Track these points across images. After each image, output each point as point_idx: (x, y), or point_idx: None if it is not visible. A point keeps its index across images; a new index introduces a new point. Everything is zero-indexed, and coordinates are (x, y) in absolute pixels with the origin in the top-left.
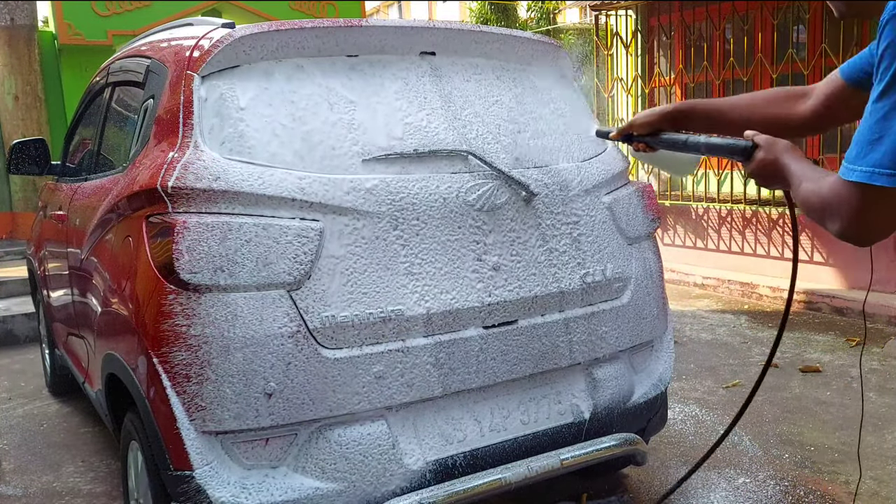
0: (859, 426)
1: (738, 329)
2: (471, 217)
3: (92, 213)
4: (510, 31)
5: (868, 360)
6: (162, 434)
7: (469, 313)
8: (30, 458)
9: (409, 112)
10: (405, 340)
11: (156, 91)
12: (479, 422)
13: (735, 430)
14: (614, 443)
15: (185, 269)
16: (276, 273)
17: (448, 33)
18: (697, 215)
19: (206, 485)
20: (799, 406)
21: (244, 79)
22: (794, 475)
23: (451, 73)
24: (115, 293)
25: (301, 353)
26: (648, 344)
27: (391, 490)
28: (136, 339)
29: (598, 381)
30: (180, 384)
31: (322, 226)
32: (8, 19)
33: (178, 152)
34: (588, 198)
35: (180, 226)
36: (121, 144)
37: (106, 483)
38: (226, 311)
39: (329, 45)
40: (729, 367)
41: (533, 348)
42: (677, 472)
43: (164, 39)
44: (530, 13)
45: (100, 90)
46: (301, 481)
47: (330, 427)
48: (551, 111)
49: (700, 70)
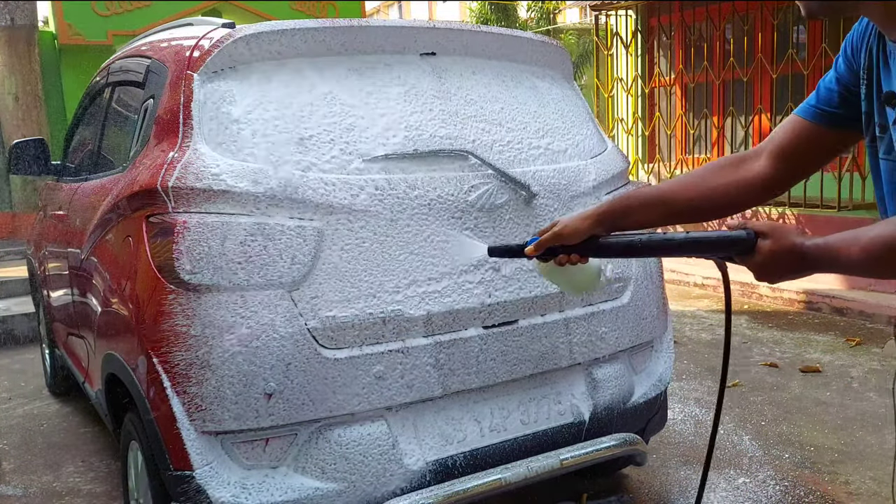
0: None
1: (737, 329)
2: (471, 217)
3: (92, 212)
4: (510, 32)
5: (868, 360)
6: (162, 434)
7: (469, 313)
8: (30, 458)
9: (409, 112)
10: (405, 341)
11: (156, 91)
12: (478, 422)
13: (735, 430)
14: (614, 443)
15: (185, 268)
16: (275, 273)
17: (448, 33)
18: None
19: (206, 485)
20: (799, 406)
21: (244, 79)
22: (794, 475)
23: (451, 73)
24: (115, 293)
25: (301, 353)
26: (648, 344)
27: (391, 490)
28: (136, 339)
29: (597, 382)
30: (180, 384)
31: (322, 226)
32: (8, 19)
33: (178, 152)
34: (588, 198)
35: (180, 226)
36: (121, 144)
37: (106, 483)
38: (226, 311)
39: (329, 45)
40: (729, 367)
41: (533, 349)
42: (677, 472)
43: (165, 39)
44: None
45: (100, 90)
46: (301, 481)
47: (330, 427)
48: (551, 111)
49: (700, 70)
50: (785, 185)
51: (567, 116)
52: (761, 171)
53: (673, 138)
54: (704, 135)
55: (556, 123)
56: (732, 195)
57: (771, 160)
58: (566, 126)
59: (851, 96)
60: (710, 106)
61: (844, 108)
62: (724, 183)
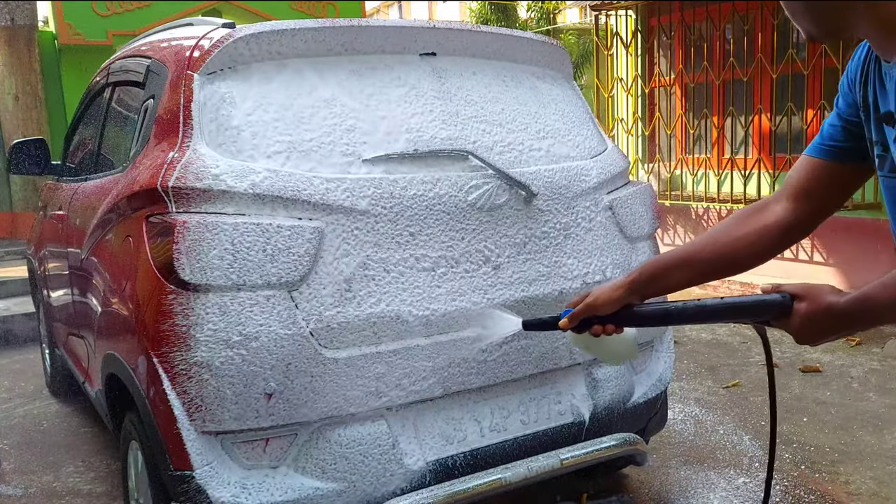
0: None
1: (738, 329)
2: (471, 217)
3: (92, 213)
4: (510, 32)
5: (868, 360)
6: (162, 434)
7: (469, 314)
8: (30, 458)
9: (409, 112)
10: (405, 340)
11: (156, 91)
12: (479, 422)
13: (735, 430)
14: (614, 443)
15: (185, 269)
16: (276, 273)
17: (448, 34)
18: (697, 215)
19: (206, 485)
20: (799, 406)
21: (244, 79)
22: (794, 475)
23: (451, 73)
24: (116, 293)
25: (301, 353)
26: (649, 344)
27: (391, 490)
28: (137, 339)
29: (598, 381)
30: (180, 384)
31: (322, 226)
32: (8, 19)
33: (178, 152)
34: (589, 198)
35: (180, 226)
36: (121, 144)
37: (106, 483)
38: (226, 311)
39: (329, 45)
40: (729, 367)
41: (533, 349)
42: (677, 472)
43: (165, 39)
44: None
45: (100, 90)
46: (301, 481)
47: (330, 427)
48: (552, 111)
49: (700, 70)
50: (805, 227)
51: (567, 116)
52: (781, 215)
53: (673, 138)
54: (704, 135)
55: (557, 124)
56: (755, 244)
57: (789, 203)
58: (566, 126)
59: (856, 128)
60: (710, 106)
61: (851, 140)
62: (746, 232)
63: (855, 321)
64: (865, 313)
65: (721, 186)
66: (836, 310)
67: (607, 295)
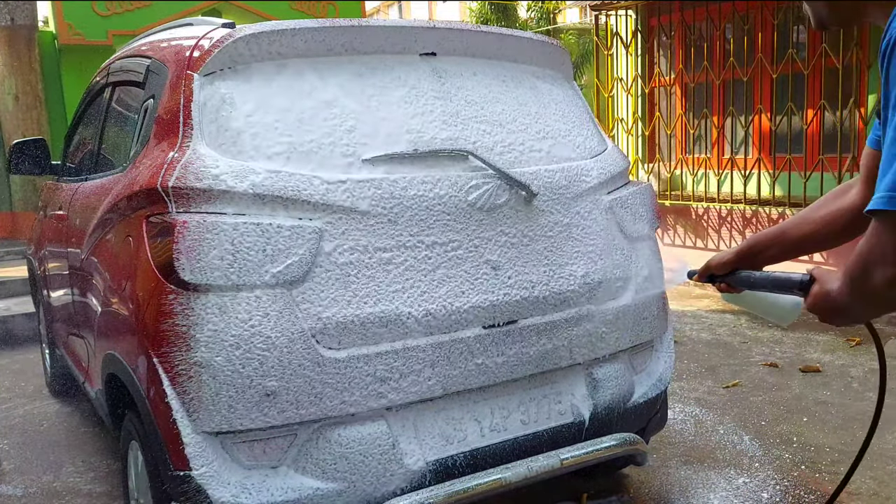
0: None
1: (738, 329)
2: (471, 217)
3: (92, 213)
4: (510, 32)
5: (868, 360)
6: (162, 434)
7: (469, 313)
8: (30, 458)
9: (409, 112)
10: (405, 341)
11: (156, 91)
12: (479, 422)
13: (735, 430)
14: (614, 443)
15: (185, 268)
16: (275, 273)
17: (448, 34)
18: (697, 215)
19: (206, 485)
20: (799, 406)
21: (244, 79)
22: (794, 475)
23: (451, 73)
24: (116, 293)
25: (301, 353)
26: (648, 344)
27: (391, 490)
28: (137, 339)
29: (598, 381)
30: (180, 384)
31: (322, 226)
32: (8, 19)
33: (178, 152)
34: (589, 198)
35: (180, 226)
36: (121, 144)
37: (106, 483)
38: (226, 311)
39: (329, 45)
40: (729, 367)
41: (533, 348)
42: (677, 472)
43: (164, 39)
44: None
45: (100, 90)
46: (301, 481)
47: (330, 427)
48: (552, 111)
49: (700, 70)
50: None
51: (567, 116)
52: (856, 199)
53: (673, 138)
54: (704, 135)
55: (557, 124)
56: (834, 224)
57: (863, 187)
58: (566, 126)
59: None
60: (710, 106)
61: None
62: (827, 212)
63: (851, 306)
64: (854, 299)
65: (721, 186)
66: (831, 297)
67: (720, 259)
